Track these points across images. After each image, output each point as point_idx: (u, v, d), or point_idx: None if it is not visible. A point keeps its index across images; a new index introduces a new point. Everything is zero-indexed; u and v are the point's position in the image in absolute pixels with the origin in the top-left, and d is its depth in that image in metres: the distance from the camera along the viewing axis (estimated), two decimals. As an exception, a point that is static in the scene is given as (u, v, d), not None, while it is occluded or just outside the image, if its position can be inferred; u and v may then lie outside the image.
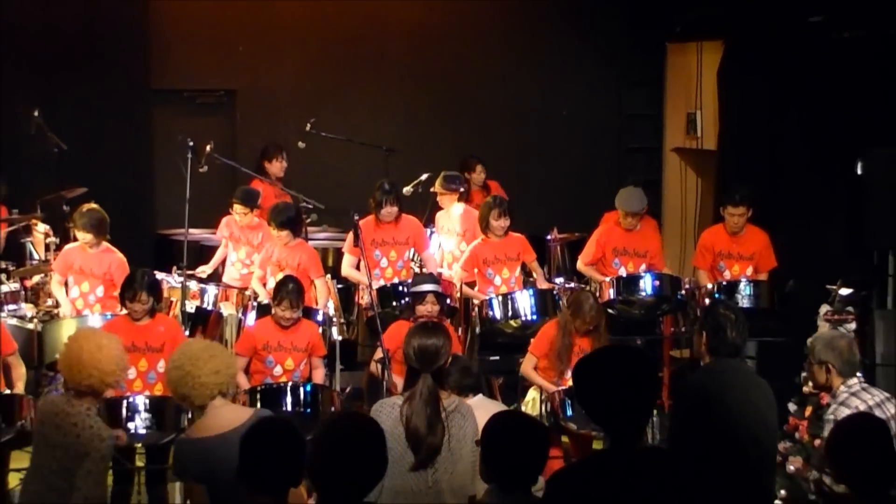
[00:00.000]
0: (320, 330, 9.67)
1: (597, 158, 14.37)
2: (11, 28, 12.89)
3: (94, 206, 10.39)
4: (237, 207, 10.90)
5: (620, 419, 4.55)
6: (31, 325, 9.85)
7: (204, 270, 11.07)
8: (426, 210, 11.67)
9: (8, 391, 8.64)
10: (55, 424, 6.42)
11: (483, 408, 7.31)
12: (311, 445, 4.58)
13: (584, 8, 14.36)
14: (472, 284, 10.65)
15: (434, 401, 5.72)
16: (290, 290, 9.10)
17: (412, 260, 10.83)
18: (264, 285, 10.38)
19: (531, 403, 9.25)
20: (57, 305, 10.30)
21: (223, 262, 11.26)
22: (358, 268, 10.48)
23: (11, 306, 10.20)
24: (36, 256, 11.19)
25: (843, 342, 7.45)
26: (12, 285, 10.52)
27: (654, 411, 7.86)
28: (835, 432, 5.06)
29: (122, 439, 7.78)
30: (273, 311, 9.18)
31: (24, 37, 13.02)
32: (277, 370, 9.13)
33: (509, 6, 14.35)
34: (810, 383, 9.58)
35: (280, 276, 9.70)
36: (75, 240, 10.29)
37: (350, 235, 10.50)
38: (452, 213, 11.30)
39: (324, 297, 10.30)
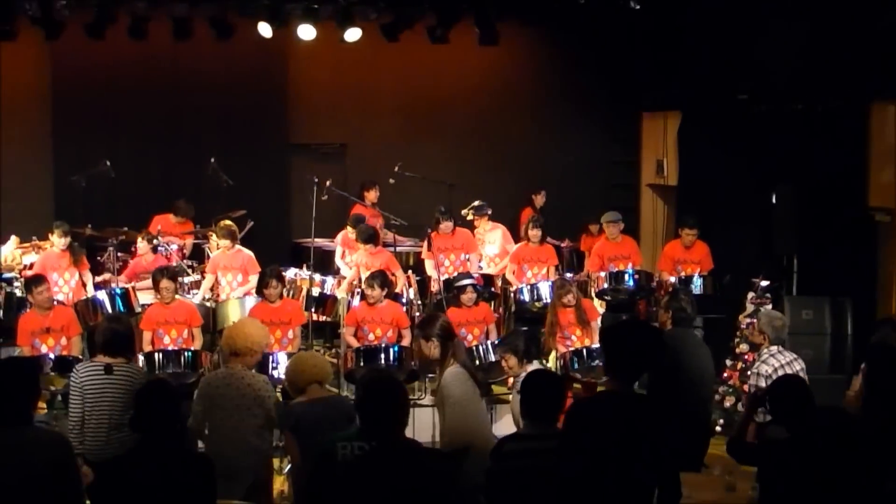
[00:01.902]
0: (403, 309, 9.67)
1: (591, 191, 14.09)
2: (197, 102, 13.10)
3: (228, 222, 10.52)
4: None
5: (624, 369, 4.49)
6: (208, 304, 10.03)
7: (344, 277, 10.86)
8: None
9: (194, 348, 8.92)
10: (228, 385, 6.28)
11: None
12: (362, 394, 4.46)
13: (583, 88, 14.03)
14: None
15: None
16: (375, 277, 9.26)
17: (467, 260, 10.68)
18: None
19: (552, 360, 9.26)
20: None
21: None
22: (434, 267, 10.48)
23: (195, 291, 10.36)
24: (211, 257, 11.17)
25: (779, 322, 7.43)
26: (196, 276, 10.70)
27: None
28: (770, 390, 5.14)
29: None
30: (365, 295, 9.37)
31: (205, 108, 13.14)
32: (371, 336, 9.21)
33: (532, 89, 14.06)
34: (741, 346, 9.80)
35: (366, 273, 9.72)
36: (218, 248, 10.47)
37: (425, 244, 10.68)
38: (487, 229, 11.42)
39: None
